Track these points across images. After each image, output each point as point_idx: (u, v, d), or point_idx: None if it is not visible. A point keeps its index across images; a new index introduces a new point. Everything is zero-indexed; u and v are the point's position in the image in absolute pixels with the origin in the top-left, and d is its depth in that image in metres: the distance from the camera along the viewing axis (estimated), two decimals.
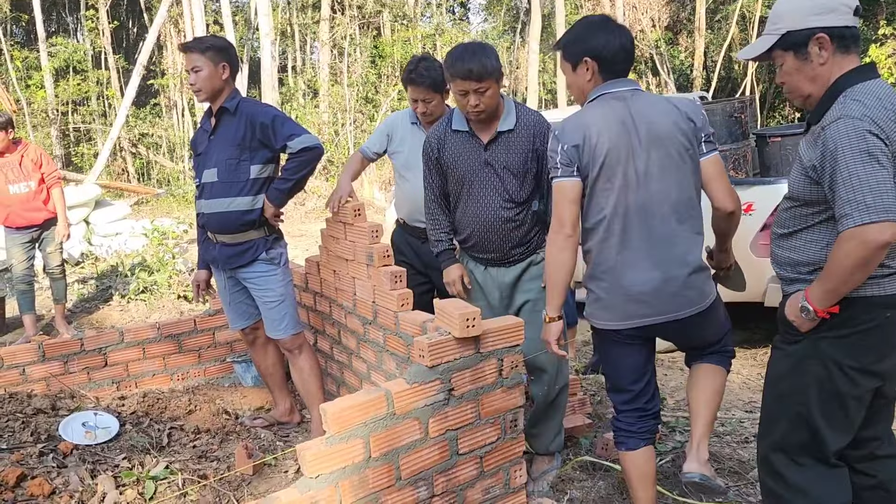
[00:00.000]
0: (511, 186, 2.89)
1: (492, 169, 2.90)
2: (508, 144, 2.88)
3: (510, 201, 2.90)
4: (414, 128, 3.68)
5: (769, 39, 2.03)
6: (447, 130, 2.99)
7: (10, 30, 23.60)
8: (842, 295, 1.91)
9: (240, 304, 3.55)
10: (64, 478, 2.75)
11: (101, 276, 7.64)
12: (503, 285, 3.03)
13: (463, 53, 2.77)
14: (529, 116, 2.93)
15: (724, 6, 20.83)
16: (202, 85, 3.24)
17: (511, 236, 2.94)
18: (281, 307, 3.40)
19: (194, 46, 3.27)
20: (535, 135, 2.88)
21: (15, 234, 5.46)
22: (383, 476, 2.28)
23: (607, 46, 2.38)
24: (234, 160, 3.25)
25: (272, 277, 3.37)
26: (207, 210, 3.34)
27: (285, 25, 23.83)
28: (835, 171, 1.85)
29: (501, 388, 2.58)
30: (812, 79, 1.99)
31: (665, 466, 3.18)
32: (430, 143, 3.04)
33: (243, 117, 3.25)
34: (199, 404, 3.77)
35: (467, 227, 3.00)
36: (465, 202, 2.98)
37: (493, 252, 2.98)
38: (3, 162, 5.30)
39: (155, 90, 23.34)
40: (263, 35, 15.46)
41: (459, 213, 3.02)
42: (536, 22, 20.07)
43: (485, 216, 2.92)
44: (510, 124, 2.88)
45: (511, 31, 28.56)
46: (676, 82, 20.23)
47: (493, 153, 2.89)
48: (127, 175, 20.48)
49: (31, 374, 3.83)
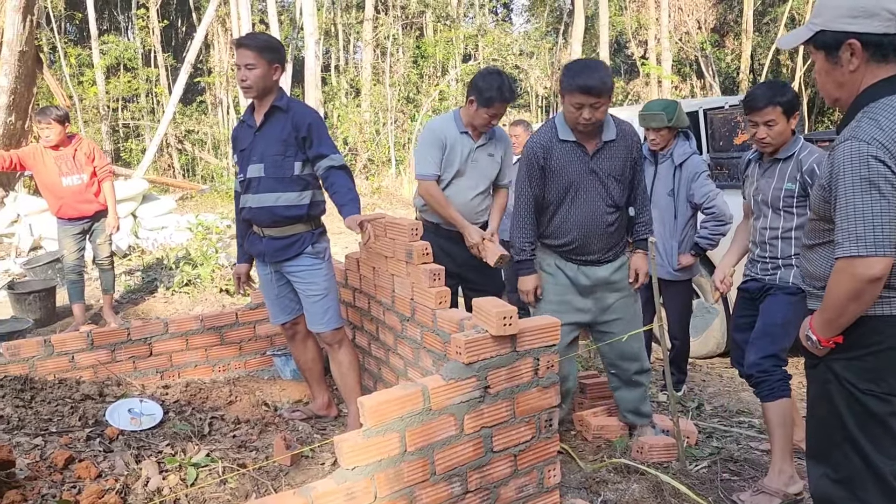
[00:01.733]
0: (614, 192, 3.12)
1: (596, 176, 3.10)
2: (611, 154, 3.10)
3: (612, 206, 3.13)
4: (464, 137, 3.71)
5: (805, 33, 1.91)
6: (553, 139, 3.12)
7: (65, 27, 24.30)
8: (842, 326, 1.84)
9: (283, 299, 3.61)
10: (110, 462, 2.84)
11: (147, 269, 7.84)
12: (597, 280, 3.21)
13: (584, 69, 2.97)
14: (625, 127, 3.15)
15: (772, 8, 20.45)
16: (254, 83, 3.27)
17: (611, 239, 3.18)
18: (324, 301, 3.44)
19: (250, 43, 3.28)
20: (631, 145, 3.13)
21: (67, 226, 5.63)
22: (418, 470, 2.31)
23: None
24: (280, 156, 3.30)
25: (317, 271, 3.42)
26: (255, 204, 3.39)
27: (329, 25, 24.07)
28: (837, 195, 1.78)
29: (537, 387, 2.59)
30: (840, 84, 1.88)
31: (701, 472, 3.16)
32: (535, 152, 3.15)
33: (290, 116, 3.30)
34: (239, 395, 3.85)
35: (570, 231, 3.16)
36: (569, 208, 3.14)
37: (594, 254, 3.18)
38: (58, 155, 5.47)
39: (201, 88, 23.83)
40: (308, 34, 15.66)
41: (560, 220, 3.17)
42: (580, 23, 19.97)
43: (590, 221, 3.12)
44: (612, 135, 3.10)
45: (554, 33, 28.39)
46: (722, 85, 19.93)
47: (598, 162, 3.10)
48: (173, 171, 20.92)
49: (79, 362, 3.95)
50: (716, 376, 4.57)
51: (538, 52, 24.92)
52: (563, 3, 29.64)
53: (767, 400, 2.95)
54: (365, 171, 17.30)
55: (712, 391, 4.31)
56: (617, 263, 3.22)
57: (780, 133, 2.97)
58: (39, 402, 3.36)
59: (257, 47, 3.26)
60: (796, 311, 2.85)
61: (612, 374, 3.41)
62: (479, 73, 3.63)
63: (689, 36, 20.13)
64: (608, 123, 3.10)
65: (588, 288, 3.22)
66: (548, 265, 3.28)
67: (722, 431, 3.65)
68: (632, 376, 3.36)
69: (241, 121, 3.54)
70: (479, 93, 3.53)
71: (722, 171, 5.44)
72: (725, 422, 3.80)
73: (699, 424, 3.66)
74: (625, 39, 23.49)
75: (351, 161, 17.86)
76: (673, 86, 20.07)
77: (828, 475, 1.99)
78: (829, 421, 1.97)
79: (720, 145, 5.50)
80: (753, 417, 3.85)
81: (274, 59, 3.30)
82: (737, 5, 21.16)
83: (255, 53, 3.25)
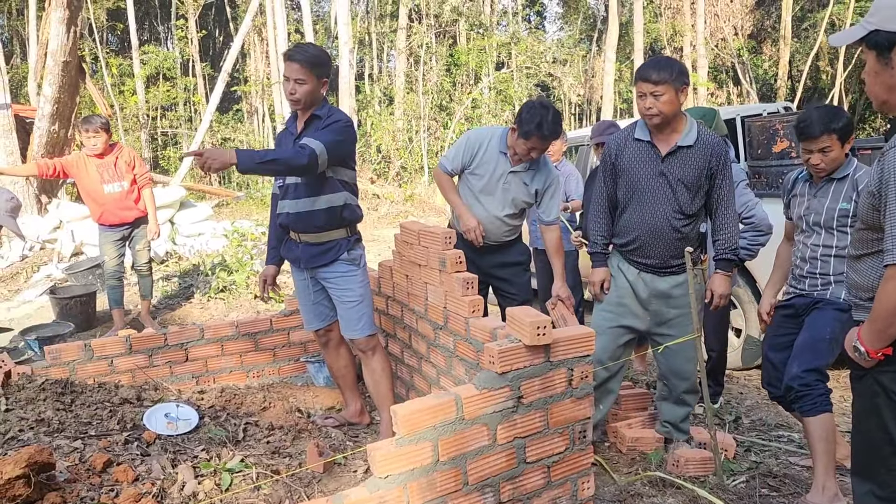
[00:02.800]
0: (682, 199, 3.05)
1: (665, 180, 3.05)
2: (685, 159, 3.04)
3: (680, 212, 3.07)
4: (502, 157, 3.72)
5: (859, 31, 1.86)
6: (629, 138, 3.15)
7: (107, 38, 24.89)
8: (892, 336, 1.79)
9: (318, 306, 3.63)
10: (147, 465, 2.88)
11: (184, 275, 7.96)
12: (655, 291, 3.18)
13: (650, 61, 3.07)
14: (709, 137, 3.08)
15: (811, 14, 20.12)
16: (303, 97, 3.27)
17: (675, 245, 3.09)
18: (359, 307, 3.46)
19: (301, 58, 3.24)
20: (712, 154, 3.03)
21: (108, 232, 5.75)
22: (451, 480, 2.30)
23: None
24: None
25: (352, 277, 3.44)
26: (293, 210, 3.41)
27: (363, 34, 24.31)
28: (886, 202, 1.75)
29: (571, 398, 2.56)
30: (890, 87, 1.82)
31: (739, 487, 3.09)
32: (610, 148, 3.21)
33: (324, 120, 3.33)
34: (273, 401, 3.89)
35: (633, 230, 3.14)
36: (634, 208, 3.13)
37: (654, 258, 3.13)
38: (100, 163, 5.59)
39: (238, 96, 24.20)
40: (342, 44, 15.82)
41: (627, 218, 3.17)
42: (614, 31, 19.84)
43: (653, 223, 3.08)
44: (690, 141, 3.04)
45: (587, 40, 28.30)
46: (759, 92, 19.63)
47: (669, 165, 3.05)
48: (209, 178, 21.25)
49: (118, 366, 4.02)
50: (753, 389, 4.48)
51: (571, 60, 24.86)
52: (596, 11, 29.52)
53: (809, 415, 2.89)
54: (398, 179, 17.39)
55: (750, 404, 4.22)
56: (680, 278, 3.14)
57: (834, 159, 2.94)
58: (79, 405, 3.43)
59: (308, 62, 3.24)
60: (843, 327, 2.78)
61: (663, 385, 3.39)
62: (528, 103, 3.65)
63: (726, 42, 19.88)
64: (690, 129, 3.05)
65: (645, 299, 3.20)
66: (611, 265, 3.29)
67: (760, 445, 3.58)
68: (681, 394, 3.33)
69: (284, 127, 3.58)
70: (520, 123, 3.56)
71: (760, 180, 5.35)
72: (764, 435, 3.73)
73: (737, 438, 3.59)
74: (659, 46, 23.29)
75: (384, 168, 17.97)
76: (709, 93, 19.83)
77: (874, 492, 1.95)
78: (876, 435, 1.92)
79: (758, 153, 5.41)
80: (793, 432, 3.77)
81: (322, 74, 3.31)
82: (775, 11, 20.86)
83: (306, 69, 3.23)
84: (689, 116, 3.12)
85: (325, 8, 27.24)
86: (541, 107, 3.58)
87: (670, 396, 3.37)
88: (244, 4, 22.02)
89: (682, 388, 3.31)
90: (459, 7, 23.02)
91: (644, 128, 3.11)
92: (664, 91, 2.94)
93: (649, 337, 3.35)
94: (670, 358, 3.25)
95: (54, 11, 8.46)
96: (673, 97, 2.96)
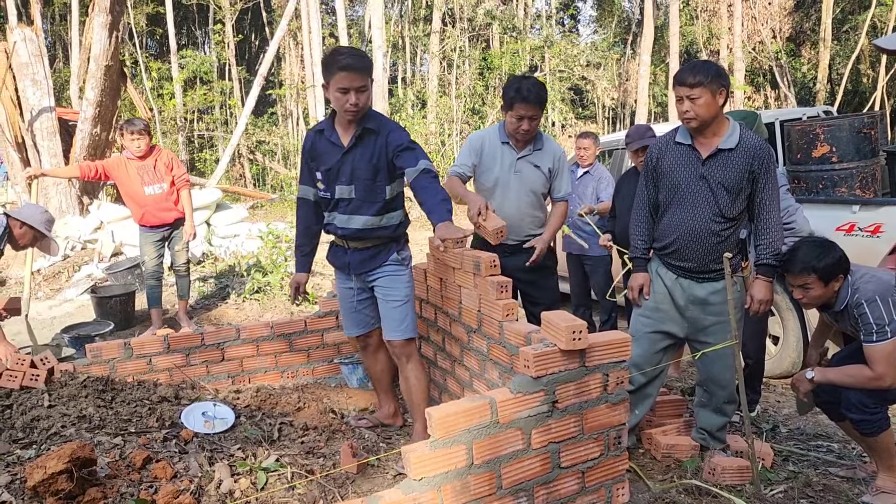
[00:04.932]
0: (723, 202, 3.02)
1: (706, 183, 3.03)
2: (726, 162, 3.01)
3: (720, 216, 3.04)
4: (505, 147, 3.76)
5: None
6: (670, 142, 3.15)
7: (146, 43, 25.40)
8: None
9: (359, 313, 3.61)
10: (185, 463, 2.93)
11: (220, 276, 8.07)
12: (692, 298, 3.15)
13: (687, 65, 3.04)
14: (752, 140, 3.03)
15: (852, 16, 19.71)
16: (365, 106, 3.16)
17: (714, 250, 3.06)
18: (404, 308, 3.43)
19: (360, 66, 3.10)
20: (754, 157, 2.99)
21: (148, 233, 5.86)
22: (485, 484, 2.30)
23: None
24: (371, 181, 3.25)
25: (400, 277, 3.42)
26: (342, 224, 3.37)
27: (397, 38, 24.44)
28: None
29: (606, 403, 2.55)
30: None
31: (777, 497, 3.04)
32: (652, 152, 3.22)
33: (382, 138, 3.23)
34: (307, 402, 3.92)
35: (672, 233, 3.13)
36: (674, 210, 3.12)
37: (692, 262, 3.11)
38: (140, 165, 5.70)
39: (273, 100, 24.48)
40: (376, 48, 15.93)
41: (666, 221, 3.16)
42: (649, 34, 19.66)
43: (692, 225, 3.06)
44: (731, 143, 3.01)
45: (622, 43, 28.07)
46: (798, 95, 19.28)
47: (710, 168, 3.03)
48: (244, 180, 21.57)
49: (156, 364, 4.10)
50: (791, 397, 4.40)
51: (605, 63, 24.69)
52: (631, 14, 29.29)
53: (871, 437, 2.95)
54: None
55: (788, 412, 4.15)
56: (718, 285, 3.10)
57: (817, 297, 2.98)
58: (119, 402, 3.50)
59: (367, 69, 3.12)
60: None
61: (703, 391, 3.36)
62: (508, 80, 3.73)
63: (764, 45, 19.57)
64: (732, 132, 3.02)
65: (682, 306, 3.18)
66: (650, 269, 3.28)
67: (798, 455, 3.51)
68: (721, 404, 3.30)
69: (319, 132, 3.40)
70: (504, 98, 3.62)
71: (800, 185, 5.26)
72: (802, 445, 3.66)
73: (774, 447, 3.53)
74: (695, 49, 23.02)
75: None
76: (746, 96, 19.54)
77: None
78: None
79: (798, 158, 5.31)
80: (832, 442, 3.69)
81: (371, 78, 3.20)
82: (814, 13, 20.49)
83: (367, 76, 3.12)
84: (731, 119, 3.09)
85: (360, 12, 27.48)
86: (519, 77, 3.66)
87: (709, 404, 3.33)
88: (280, 9, 22.31)
89: (721, 397, 3.28)
90: (493, 11, 23.05)
91: (685, 132, 3.10)
92: (701, 94, 2.92)
93: (689, 343, 3.32)
94: (709, 365, 3.22)
95: (97, 16, 8.65)
96: (710, 100, 2.93)
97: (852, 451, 3.56)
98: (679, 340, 3.30)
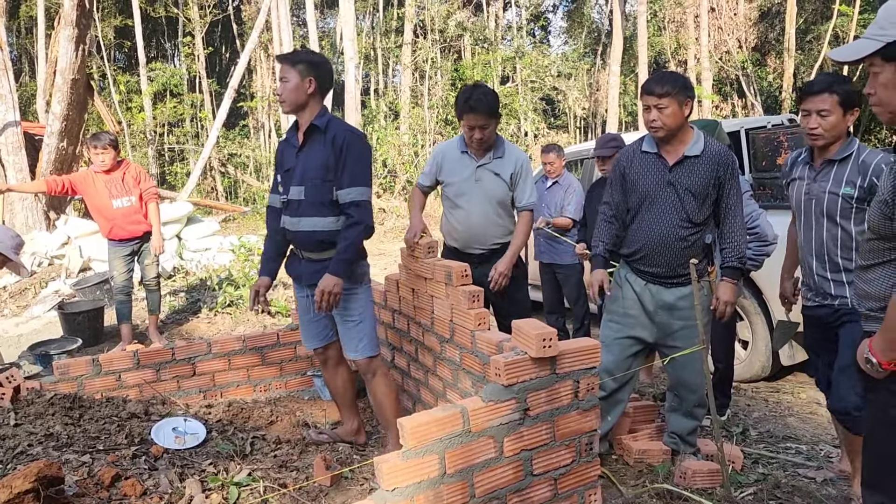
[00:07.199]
0: (690, 207, 3.08)
1: (673, 189, 3.09)
2: (693, 169, 3.08)
3: (687, 221, 3.10)
4: (465, 157, 3.81)
5: (870, 45, 1.80)
6: (637, 151, 3.21)
7: (114, 55, 25.13)
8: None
9: (317, 324, 3.55)
10: (155, 479, 2.89)
11: (191, 289, 7.98)
12: (661, 303, 3.20)
13: (654, 75, 3.13)
14: (716, 147, 3.12)
15: (815, 26, 20.16)
16: (286, 96, 3.25)
17: (681, 255, 3.11)
18: (360, 328, 3.37)
19: (286, 58, 3.27)
20: (719, 164, 3.07)
21: (117, 247, 5.77)
22: (457, 493, 2.30)
23: None
24: (320, 180, 3.23)
25: (353, 296, 3.33)
26: (292, 228, 3.34)
27: (369, 49, 24.48)
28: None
29: (577, 410, 2.57)
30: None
31: (747, 499, 3.08)
32: (620, 159, 3.28)
33: (331, 138, 3.23)
34: (280, 415, 3.89)
35: (641, 239, 3.18)
36: (642, 217, 3.17)
37: (661, 267, 3.16)
38: (108, 178, 5.63)
39: (244, 112, 24.34)
40: (348, 59, 15.96)
41: (634, 227, 3.21)
42: (618, 45, 19.93)
43: (660, 231, 3.12)
44: (697, 150, 3.08)
45: (592, 54, 28.39)
46: (764, 104, 19.63)
47: (677, 175, 3.09)
48: (216, 193, 21.37)
49: (126, 380, 4.04)
50: (761, 401, 4.47)
51: (576, 74, 24.94)
52: (600, 25, 29.66)
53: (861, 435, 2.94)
54: (404, 193, 17.43)
55: (757, 416, 4.21)
56: (686, 290, 3.15)
57: (833, 126, 2.86)
58: (87, 419, 3.44)
59: (292, 61, 3.24)
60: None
61: (674, 396, 3.40)
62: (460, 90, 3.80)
63: (730, 55, 19.93)
64: (697, 140, 3.10)
65: (651, 311, 3.22)
66: (618, 276, 3.32)
67: (768, 458, 3.56)
68: (691, 408, 3.34)
69: (286, 139, 3.47)
70: (455, 108, 3.72)
71: (765, 192, 5.36)
72: (771, 448, 3.71)
73: (744, 450, 3.58)
74: (664, 60, 23.36)
75: (390, 183, 18.04)
76: (713, 105, 19.86)
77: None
78: (888, 449, 1.90)
79: (763, 165, 5.42)
80: (801, 444, 3.75)
81: (308, 73, 3.22)
82: (778, 24, 20.92)
83: (290, 66, 3.23)
84: (696, 128, 3.16)
85: (331, 24, 27.49)
86: (470, 87, 3.72)
87: (680, 408, 3.37)
88: (250, 21, 22.24)
89: (691, 401, 3.31)
90: (464, 22, 23.19)
91: (651, 141, 3.16)
92: (668, 104, 2.98)
93: (658, 349, 3.36)
94: (679, 370, 3.26)
95: (63, 30, 8.56)
96: (677, 110, 3.00)
97: (820, 453, 3.63)
98: (649, 345, 3.34)
